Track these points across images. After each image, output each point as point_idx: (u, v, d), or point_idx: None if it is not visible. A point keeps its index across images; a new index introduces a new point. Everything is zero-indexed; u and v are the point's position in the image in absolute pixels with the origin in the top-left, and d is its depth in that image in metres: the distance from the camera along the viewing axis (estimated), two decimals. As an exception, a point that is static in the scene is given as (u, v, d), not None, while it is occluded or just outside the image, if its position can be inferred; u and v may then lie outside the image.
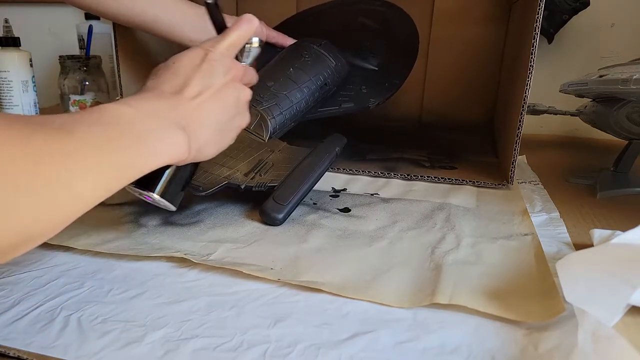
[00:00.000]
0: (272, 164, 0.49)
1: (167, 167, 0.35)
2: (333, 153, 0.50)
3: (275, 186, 0.46)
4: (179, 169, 0.36)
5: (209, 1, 0.39)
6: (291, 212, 0.45)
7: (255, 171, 0.48)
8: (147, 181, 0.34)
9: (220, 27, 0.40)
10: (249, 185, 0.46)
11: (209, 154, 0.36)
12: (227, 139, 0.38)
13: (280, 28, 0.66)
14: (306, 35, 0.64)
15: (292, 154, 0.50)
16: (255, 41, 0.41)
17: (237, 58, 0.41)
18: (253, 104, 0.53)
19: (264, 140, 0.52)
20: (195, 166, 0.38)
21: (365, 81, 0.64)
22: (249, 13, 0.62)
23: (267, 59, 0.62)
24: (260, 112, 0.53)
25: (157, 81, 0.34)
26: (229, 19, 0.40)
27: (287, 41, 0.64)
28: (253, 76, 0.41)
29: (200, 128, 0.34)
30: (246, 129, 0.52)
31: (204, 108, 0.34)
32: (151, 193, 0.35)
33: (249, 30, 0.38)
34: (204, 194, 0.44)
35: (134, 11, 0.55)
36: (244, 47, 0.41)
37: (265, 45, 0.63)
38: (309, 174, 0.47)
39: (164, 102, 0.32)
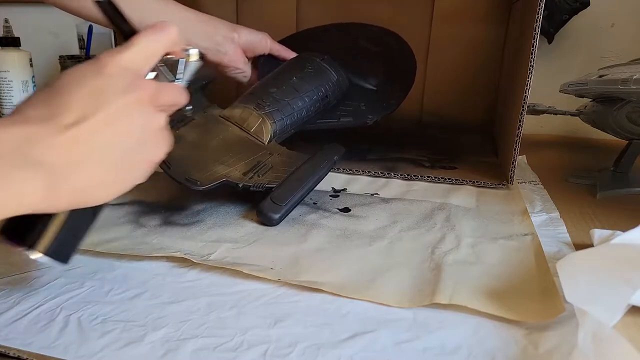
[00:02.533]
0: (271, 166, 0.49)
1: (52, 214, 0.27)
2: (331, 161, 0.50)
3: (273, 187, 0.46)
4: (69, 217, 0.28)
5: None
6: (288, 214, 0.45)
7: (254, 172, 0.48)
8: (23, 232, 0.26)
9: (126, 32, 0.31)
10: (247, 185, 0.46)
11: (102, 196, 0.28)
12: (132, 176, 0.29)
13: (283, 43, 0.67)
14: (308, 51, 0.65)
15: (291, 159, 0.50)
16: (194, 53, 0.34)
17: (172, 73, 0.34)
18: (256, 108, 0.54)
19: (264, 143, 0.53)
20: (94, 213, 0.30)
21: (363, 99, 0.66)
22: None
23: (271, 69, 0.63)
24: (262, 115, 0.53)
25: (30, 100, 0.26)
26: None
27: (290, 54, 0.65)
28: (178, 96, 0.33)
29: (79, 166, 0.25)
30: (247, 132, 0.53)
31: (86, 138, 0.26)
32: (27, 249, 0.28)
33: (164, 40, 0.30)
34: (201, 188, 0.44)
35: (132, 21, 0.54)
36: (177, 60, 0.34)
37: (269, 58, 0.64)
38: (307, 177, 0.47)
39: (21, 130, 0.24)
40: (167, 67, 0.34)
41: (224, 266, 0.36)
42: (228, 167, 0.48)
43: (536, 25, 0.49)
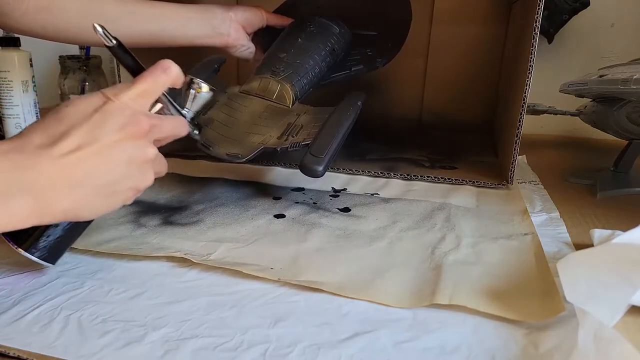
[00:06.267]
0: (302, 125, 0.50)
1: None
2: (357, 107, 0.51)
3: (309, 143, 0.47)
4: (57, 225, 0.33)
5: (109, 45, 0.34)
6: (329, 164, 0.45)
7: (287, 133, 0.49)
8: (19, 234, 0.31)
9: (134, 70, 0.35)
10: (284, 147, 0.47)
11: (88, 215, 0.31)
12: (115, 200, 0.32)
13: (277, 13, 0.67)
14: (302, 16, 0.66)
15: (317, 114, 0.52)
16: (204, 86, 0.39)
17: (181, 104, 0.38)
18: (272, 76, 0.55)
19: (289, 107, 0.54)
20: (82, 225, 0.35)
21: (369, 46, 0.67)
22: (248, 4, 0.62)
23: (272, 41, 0.63)
24: (280, 81, 0.54)
25: (36, 126, 0.30)
26: None
27: (287, 22, 0.65)
28: (177, 128, 0.36)
29: (66, 190, 0.29)
30: (270, 100, 0.54)
31: (76, 167, 0.29)
32: (18, 248, 0.32)
33: (164, 80, 0.33)
34: (244, 160, 0.46)
35: (133, 31, 0.54)
36: (191, 92, 0.38)
37: (268, 30, 0.64)
38: (339, 127, 0.48)
39: (17, 159, 0.28)
40: (174, 98, 0.37)
41: (224, 266, 0.36)
42: (262, 135, 0.49)
43: (536, 25, 0.49)
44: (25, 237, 0.32)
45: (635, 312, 0.30)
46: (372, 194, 0.53)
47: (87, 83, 0.85)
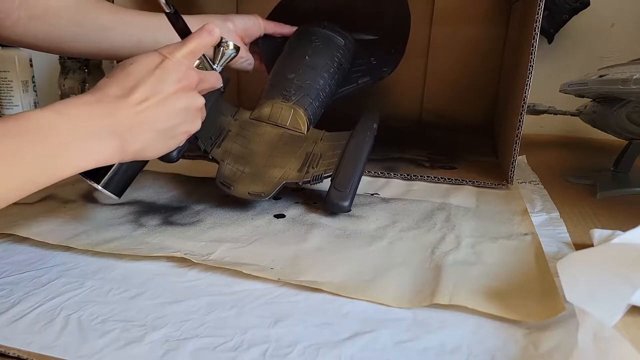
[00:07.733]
0: (320, 154, 0.49)
1: None
2: (373, 130, 0.50)
3: (330, 175, 0.46)
4: (124, 164, 0.38)
5: (167, 11, 0.41)
6: (354, 197, 0.45)
7: (307, 165, 0.48)
8: (94, 172, 0.37)
9: (184, 33, 0.41)
10: (306, 181, 0.47)
11: (152, 155, 0.38)
12: (173, 143, 0.39)
13: (272, 19, 0.65)
14: (297, 20, 0.64)
15: (334, 140, 0.51)
16: (230, 44, 0.44)
17: (212, 60, 0.44)
18: (283, 101, 0.53)
19: (304, 133, 0.52)
20: (141, 164, 0.41)
21: (371, 53, 0.65)
22: (250, 13, 0.62)
23: (271, 50, 0.62)
24: (292, 106, 0.52)
25: (108, 81, 0.35)
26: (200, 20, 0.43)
27: (285, 29, 0.63)
28: (216, 81, 0.42)
29: (140, 134, 0.35)
30: (283, 127, 0.52)
31: (146, 114, 0.35)
32: (95, 184, 0.38)
33: (209, 40, 0.40)
34: (267, 198, 0.46)
35: (128, 41, 0.53)
36: (220, 49, 0.44)
37: (266, 38, 0.63)
38: (359, 155, 0.47)
39: (101, 107, 0.33)
40: (208, 56, 0.43)
41: (224, 266, 0.36)
42: (282, 168, 0.48)
43: (536, 25, 0.49)
44: (98, 175, 0.37)
45: (635, 312, 0.30)
46: (372, 194, 0.53)
47: (87, 83, 0.85)
